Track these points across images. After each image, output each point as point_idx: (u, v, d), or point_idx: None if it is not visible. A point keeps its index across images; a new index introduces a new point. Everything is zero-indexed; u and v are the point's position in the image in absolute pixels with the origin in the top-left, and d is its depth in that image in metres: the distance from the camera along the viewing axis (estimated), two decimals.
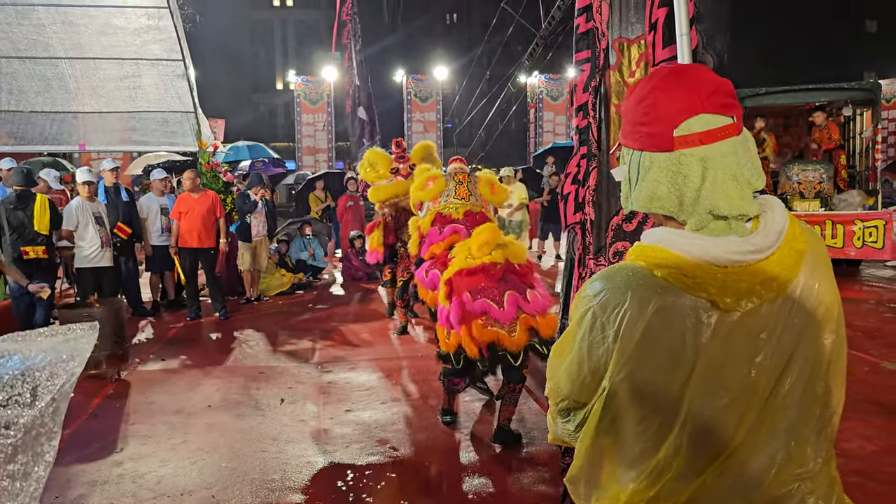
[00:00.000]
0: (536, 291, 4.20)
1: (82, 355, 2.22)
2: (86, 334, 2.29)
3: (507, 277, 4.24)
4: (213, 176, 9.79)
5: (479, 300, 4.10)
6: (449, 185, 5.29)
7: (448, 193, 5.24)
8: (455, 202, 5.18)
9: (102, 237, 7.59)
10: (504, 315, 4.02)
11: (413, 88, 24.05)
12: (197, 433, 4.70)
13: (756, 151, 1.26)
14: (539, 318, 4.07)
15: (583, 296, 1.29)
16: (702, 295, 1.18)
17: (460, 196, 5.21)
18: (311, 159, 22.25)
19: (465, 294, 4.15)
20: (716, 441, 1.19)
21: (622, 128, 1.36)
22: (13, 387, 2.02)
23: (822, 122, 10.91)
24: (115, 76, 9.93)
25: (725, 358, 1.18)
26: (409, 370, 6.10)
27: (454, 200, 5.19)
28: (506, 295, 4.07)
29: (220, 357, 6.70)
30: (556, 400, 1.39)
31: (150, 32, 9.53)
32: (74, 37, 9.51)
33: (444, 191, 5.26)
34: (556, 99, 25.62)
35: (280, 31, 49.10)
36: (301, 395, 5.46)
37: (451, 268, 4.39)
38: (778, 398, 1.19)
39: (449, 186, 5.28)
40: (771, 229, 1.20)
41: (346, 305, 9.40)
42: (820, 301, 1.21)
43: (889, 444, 4.19)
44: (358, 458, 4.25)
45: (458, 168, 5.54)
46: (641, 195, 1.28)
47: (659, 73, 1.29)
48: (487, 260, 4.27)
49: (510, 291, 4.10)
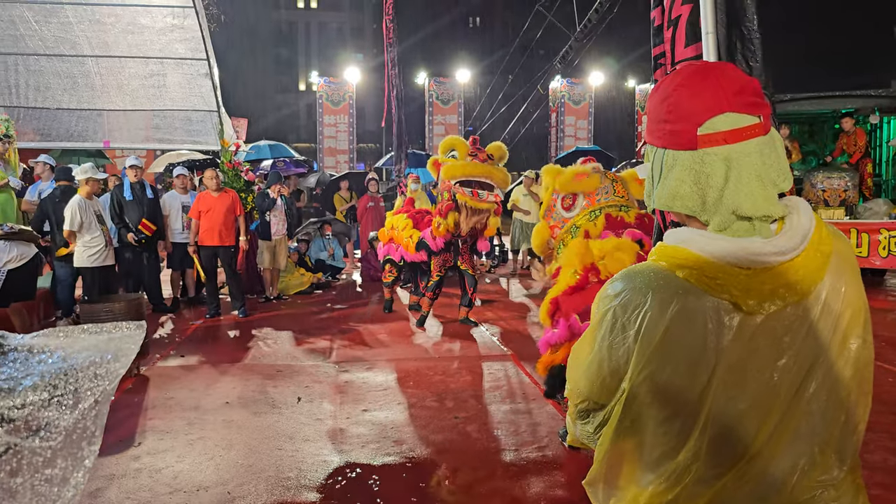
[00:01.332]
0: None
1: (128, 356, 2.13)
2: (132, 333, 2.20)
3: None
4: (235, 175, 9.86)
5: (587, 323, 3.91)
6: (604, 182, 4.54)
7: (606, 190, 4.50)
8: (617, 199, 4.47)
9: (106, 236, 7.48)
10: None
11: (435, 91, 24.09)
12: (214, 429, 4.72)
13: (784, 152, 1.23)
14: None
15: (604, 296, 1.28)
16: (724, 296, 1.16)
17: (620, 194, 4.51)
18: (332, 160, 22.36)
19: (574, 316, 3.88)
20: (737, 445, 1.17)
21: (647, 125, 1.34)
22: (56, 386, 1.92)
23: (851, 128, 10.77)
24: (140, 74, 10.06)
25: (748, 361, 1.16)
26: (427, 371, 6.09)
27: (615, 198, 4.48)
28: None
29: (239, 355, 6.74)
30: (576, 401, 1.37)
31: (175, 31, 9.63)
32: (101, 35, 9.64)
33: (601, 187, 4.51)
34: (578, 103, 25.53)
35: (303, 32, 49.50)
36: (318, 394, 5.47)
37: (557, 285, 4.02)
38: (801, 403, 1.17)
39: (604, 183, 4.53)
40: (796, 231, 1.18)
41: (365, 306, 9.41)
42: (846, 305, 1.19)
43: None
44: (374, 458, 4.25)
45: (600, 167, 4.75)
46: (664, 193, 1.26)
47: (684, 71, 1.27)
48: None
49: None
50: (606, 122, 30.40)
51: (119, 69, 9.97)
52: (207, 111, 10.27)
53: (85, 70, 9.95)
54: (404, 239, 7.91)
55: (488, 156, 6.93)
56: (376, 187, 12.29)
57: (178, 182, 9.26)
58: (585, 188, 4.46)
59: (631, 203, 4.55)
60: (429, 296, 7.73)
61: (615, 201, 4.42)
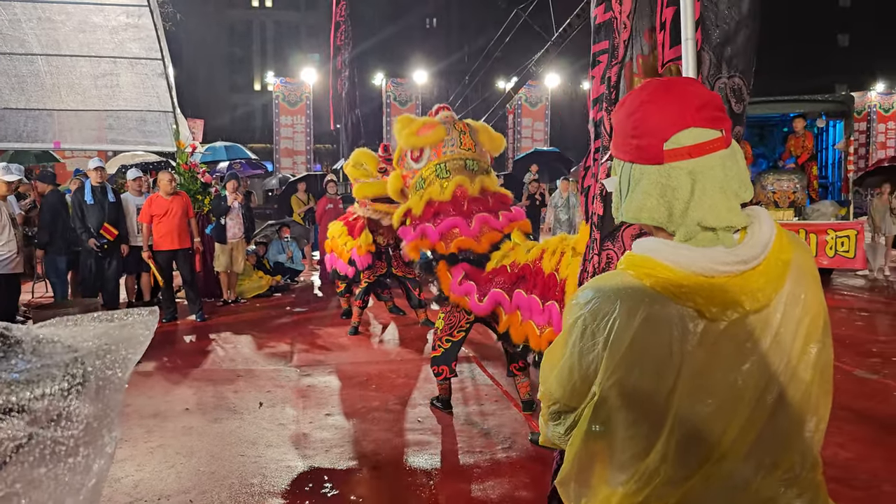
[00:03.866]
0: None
1: (142, 343, 2.10)
2: (145, 319, 2.15)
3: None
4: (192, 177, 9.71)
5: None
6: (451, 133, 4.67)
7: (452, 143, 4.64)
8: (463, 153, 4.63)
9: (18, 241, 6.87)
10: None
11: (392, 92, 24.04)
12: (174, 437, 4.66)
13: (745, 163, 1.29)
14: None
15: (574, 303, 1.32)
16: (689, 304, 1.20)
17: (466, 146, 4.65)
18: (289, 161, 22.14)
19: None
20: (703, 447, 1.22)
21: (613, 139, 1.38)
22: (73, 375, 1.90)
23: (801, 129, 11.13)
24: (92, 74, 9.80)
25: (712, 366, 1.21)
26: (389, 374, 6.10)
27: (461, 151, 4.63)
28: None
29: (198, 360, 6.65)
30: (548, 404, 1.42)
31: (128, 30, 9.42)
32: (51, 33, 9.37)
33: (446, 138, 4.65)
34: (535, 105, 25.74)
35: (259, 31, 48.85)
36: (280, 399, 5.43)
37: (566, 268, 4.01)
38: (765, 406, 1.22)
39: (451, 135, 4.66)
40: (757, 240, 1.23)
41: (325, 308, 9.36)
42: (806, 311, 1.24)
43: (862, 450, 4.28)
44: (338, 462, 4.24)
45: (452, 116, 4.90)
46: (631, 206, 1.31)
47: (649, 87, 1.32)
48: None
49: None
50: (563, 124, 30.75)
51: (70, 68, 9.69)
52: (162, 112, 10.07)
53: (34, 69, 9.66)
54: (339, 247, 7.87)
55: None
56: (335, 189, 12.22)
57: (133, 185, 9.07)
58: (429, 142, 4.64)
59: (479, 155, 4.71)
60: (357, 304, 7.67)
61: (461, 154, 4.62)
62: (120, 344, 2.04)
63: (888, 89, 26.81)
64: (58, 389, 1.86)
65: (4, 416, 1.76)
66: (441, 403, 5.11)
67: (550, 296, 4.00)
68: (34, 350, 1.94)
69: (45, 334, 2.03)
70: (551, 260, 4.06)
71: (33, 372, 1.85)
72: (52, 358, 1.92)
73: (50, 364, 1.89)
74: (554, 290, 4.01)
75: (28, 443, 1.78)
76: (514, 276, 4.27)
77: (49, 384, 1.85)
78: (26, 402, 1.80)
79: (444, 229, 4.55)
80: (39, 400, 1.82)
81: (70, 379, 1.89)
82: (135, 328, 2.13)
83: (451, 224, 4.54)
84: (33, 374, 1.85)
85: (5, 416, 1.76)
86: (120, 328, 2.11)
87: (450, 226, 4.54)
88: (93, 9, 9.19)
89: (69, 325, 2.09)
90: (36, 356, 1.91)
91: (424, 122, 4.77)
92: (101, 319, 2.15)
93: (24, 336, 1.98)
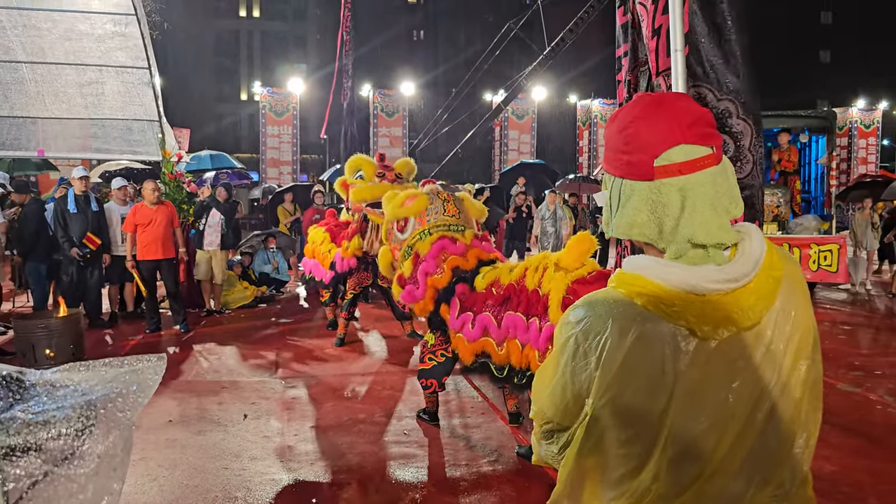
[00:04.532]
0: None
1: (151, 387, 2.21)
2: (154, 365, 2.27)
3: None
4: (177, 186, 9.66)
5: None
6: (434, 202, 4.82)
7: (436, 210, 4.78)
8: (447, 219, 4.76)
9: (0, 250, 6.92)
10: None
11: (380, 103, 24.06)
12: (156, 449, 4.60)
13: (735, 180, 1.29)
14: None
15: (566, 322, 1.31)
16: (680, 323, 1.20)
17: (450, 213, 4.79)
18: (275, 171, 22.06)
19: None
20: (695, 464, 1.22)
21: (604, 154, 1.39)
22: (88, 417, 2.01)
23: (786, 143, 11.26)
24: (78, 82, 9.73)
25: (704, 384, 1.21)
26: (375, 386, 6.07)
27: (445, 217, 4.76)
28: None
29: (181, 371, 6.58)
30: (540, 422, 1.41)
31: (115, 39, 9.38)
32: (37, 41, 9.31)
33: (429, 207, 4.80)
34: (522, 117, 25.86)
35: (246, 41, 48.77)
36: (265, 411, 5.39)
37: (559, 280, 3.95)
38: (756, 422, 1.22)
39: (434, 204, 4.81)
40: (748, 258, 1.23)
41: (311, 320, 9.31)
42: (796, 328, 1.25)
43: (845, 463, 4.30)
44: (323, 475, 4.21)
45: (436, 188, 5.12)
46: (622, 222, 1.30)
47: (641, 102, 1.32)
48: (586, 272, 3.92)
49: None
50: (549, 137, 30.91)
51: (55, 76, 9.62)
52: (148, 121, 10.01)
53: (19, 76, 9.58)
54: (321, 254, 7.83)
55: (397, 175, 6.81)
56: (322, 199, 12.20)
57: (118, 193, 9.00)
58: (412, 213, 4.77)
59: (463, 221, 4.81)
60: (343, 315, 7.64)
61: (444, 220, 4.71)
62: (130, 388, 2.16)
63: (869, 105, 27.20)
64: (72, 430, 1.97)
65: (22, 455, 1.88)
66: (428, 416, 5.09)
67: (534, 312, 4.01)
68: (49, 393, 2.07)
69: (59, 378, 2.16)
70: (534, 277, 4.08)
71: (49, 413, 1.97)
72: (66, 400, 2.03)
73: (65, 406, 2.00)
74: (537, 306, 4.01)
75: (43, 479, 1.89)
76: (500, 297, 4.27)
77: (65, 425, 1.97)
78: (43, 442, 1.92)
79: (436, 253, 4.58)
80: (55, 440, 1.94)
81: (84, 420, 2.01)
82: (145, 373, 2.24)
83: (439, 247, 4.58)
84: (49, 415, 1.96)
85: (23, 454, 1.88)
86: (130, 373, 2.23)
87: (438, 249, 4.58)
88: (79, 17, 9.16)
89: (81, 370, 2.22)
90: (51, 399, 2.04)
91: (408, 195, 4.92)
92: (113, 365, 2.27)
93: (39, 380, 2.11)
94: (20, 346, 6.29)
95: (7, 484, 1.84)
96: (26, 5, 9.04)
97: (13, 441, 1.88)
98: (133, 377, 2.20)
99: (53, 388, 2.11)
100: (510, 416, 5.06)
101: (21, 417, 1.93)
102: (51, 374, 2.20)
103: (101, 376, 2.19)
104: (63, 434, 1.95)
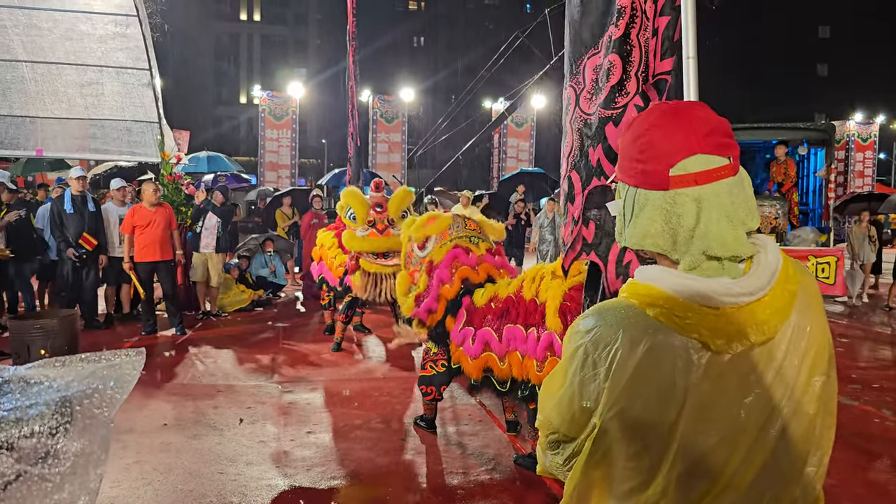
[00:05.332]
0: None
1: (129, 382, 2.15)
2: (132, 360, 2.21)
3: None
4: (176, 188, 9.63)
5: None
6: (456, 220, 4.85)
7: (457, 226, 4.79)
8: (467, 231, 4.76)
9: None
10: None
11: (379, 109, 24.07)
12: (151, 453, 4.56)
13: (751, 191, 1.27)
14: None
15: (575, 331, 1.29)
16: (693, 336, 1.18)
17: (471, 227, 4.82)
18: (273, 175, 22.03)
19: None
20: (704, 480, 1.20)
21: (618, 162, 1.36)
22: (62, 414, 1.95)
23: (783, 156, 11.28)
24: (78, 82, 9.71)
25: (716, 398, 1.19)
26: (372, 392, 6.04)
27: (466, 231, 4.77)
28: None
29: (177, 374, 6.54)
30: (546, 433, 1.38)
31: (116, 40, 9.36)
32: (37, 40, 9.29)
33: (451, 224, 4.81)
34: (521, 125, 25.91)
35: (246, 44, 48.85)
36: (261, 416, 5.35)
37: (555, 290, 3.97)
38: (768, 439, 1.20)
39: (456, 222, 4.83)
40: (764, 271, 1.21)
41: (308, 324, 9.28)
42: (811, 343, 1.22)
43: (845, 476, 4.29)
44: (319, 481, 4.18)
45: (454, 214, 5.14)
46: (635, 232, 1.28)
47: (657, 111, 1.30)
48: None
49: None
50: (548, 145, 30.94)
51: (55, 76, 9.60)
52: (148, 122, 9.98)
53: (18, 75, 9.55)
54: (328, 259, 7.80)
55: (389, 221, 6.66)
56: (321, 204, 12.18)
57: (116, 194, 8.97)
58: (435, 231, 4.79)
59: (483, 236, 4.84)
60: (341, 319, 7.59)
61: (466, 233, 4.73)
62: (107, 383, 2.08)
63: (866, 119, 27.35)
64: (46, 428, 1.91)
65: None
66: (425, 423, 5.06)
67: (532, 321, 4.01)
68: (22, 390, 1.99)
69: (33, 374, 2.09)
70: (531, 287, 4.08)
71: (22, 411, 1.90)
72: (40, 397, 1.96)
73: (39, 403, 1.94)
74: (535, 315, 4.01)
75: (17, 479, 1.82)
76: (499, 311, 4.26)
77: (38, 423, 1.90)
78: (15, 441, 1.85)
79: (449, 261, 4.58)
80: (29, 438, 1.87)
81: (59, 418, 1.94)
82: (122, 368, 2.17)
83: (452, 255, 4.58)
84: (22, 412, 1.90)
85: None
86: (108, 368, 2.16)
87: (451, 257, 4.58)
88: (81, 17, 9.14)
89: (57, 366, 2.15)
90: (24, 396, 1.97)
91: (429, 216, 4.96)
92: (90, 360, 2.20)
93: (12, 376, 2.04)
94: (15, 346, 6.25)
95: None
96: (28, 4, 9.02)
97: None
98: (111, 372, 2.13)
99: (27, 384, 2.06)
100: (508, 424, 5.04)
101: None
102: (25, 369, 2.14)
103: (78, 372, 2.14)
104: (37, 432, 1.90)
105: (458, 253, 4.59)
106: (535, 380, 3.91)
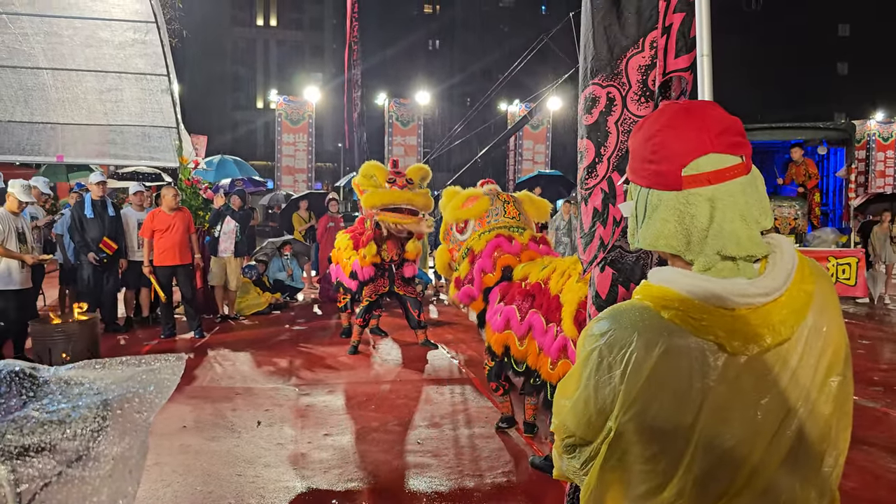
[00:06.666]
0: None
1: (168, 388, 2.16)
2: (171, 366, 2.22)
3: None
4: (194, 192, 9.72)
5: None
6: (495, 203, 4.80)
7: (496, 212, 4.76)
8: (507, 221, 4.73)
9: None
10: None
11: (395, 112, 24.10)
12: (170, 455, 4.60)
13: (765, 190, 1.26)
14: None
15: (590, 334, 1.28)
16: (709, 338, 1.17)
17: (511, 215, 4.77)
18: (290, 179, 22.14)
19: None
20: (721, 482, 1.19)
21: (630, 163, 1.36)
22: (104, 418, 1.96)
23: (800, 158, 11.16)
24: (97, 89, 9.84)
25: (732, 400, 1.18)
26: (389, 395, 6.05)
27: (506, 219, 4.74)
28: None
29: (195, 377, 6.59)
30: (562, 436, 1.38)
31: (135, 46, 9.46)
32: (58, 47, 9.42)
33: (489, 209, 4.77)
34: (537, 128, 25.81)
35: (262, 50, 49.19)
36: (278, 418, 5.38)
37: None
38: (783, 440, 1.19)
39: (495, 205, 4.78)
40: (779, 271, 1.20)
41: (325, 327, 9.31)
42: (828, 343, 1.21)
43: (864, 479, 4.24)
44: (336, 483, 4.19)
45: (496, 189, 5.08)
46: (648, 233, 1.27)
47: (668, 111, 1.29)
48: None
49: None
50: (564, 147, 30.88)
51: (76, 83, 9.74)
52: (166, 127, 10.09)
53: (40, 82, 9.70)
54: (343, 260, 7.85)
55: (407, 180, 6.91)
56: (337, 207, 12.24)
57: (135, 199, 9.08)
58: (472, 215, 4.76)
59: (524, 223, 4.78)
60: (358, 322, 7.62)
61: (505, 222, 4.69)
62: (147, 388, 2.09)
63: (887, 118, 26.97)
64: (88, 431, 1.92)
65: (36, 455, 1.81)
66: (505, 423, 5.06)
67: (553, 318, 3.99)
68: (63, 391, 1.99)
69: (73, 376, 2.09)
70: (559, 282, 4.05)
71: (64, 413, 1.90)
72: (81, 399, 1.96)
73: (80, 406, 1.94)
74: (556, 313, 4.00)
75: (56, 480, 1.83)
76: (526, 293, 4.27)
77: (81, 425, 1.90)
78: (57, 442, 1.86)
79: (490, 251, 4.59)
80: (71, 440, 1.88)
81: (100, 421, 1.95)
82: (162, 373, 2.18)
83: (494, 245, 4.60)
84: (64, 414, 1.90)
85: (37, 454, 1.81)
86: (147, 373, 2.16)
87: (493, 246, 4.59)
88: (100, 24, 9.24)
89: (97, 368, 2.15)
90: (65, 397, 1.97)
91: (468, 195, 4.92)
92: (129, 363, 2.21)
93: (52, 377, 2.04)
94: (37, 348, 6.34)
95: (20, 484, 1.79)
96: (48, 13, 9.15)
97: (27, 441, 1.82)
98: (150, 377, 2.14)
99: (68, 385, 2.06)
100: (526, 425, 5.03)
101: (35, 416, 1.87)
102: (65, 370, 2.13)
103: (117, 375, 2.14)
104: (78, 434, 1.90)
105: (500, 241, 4.60)
106: (547, 377, 3.92)
